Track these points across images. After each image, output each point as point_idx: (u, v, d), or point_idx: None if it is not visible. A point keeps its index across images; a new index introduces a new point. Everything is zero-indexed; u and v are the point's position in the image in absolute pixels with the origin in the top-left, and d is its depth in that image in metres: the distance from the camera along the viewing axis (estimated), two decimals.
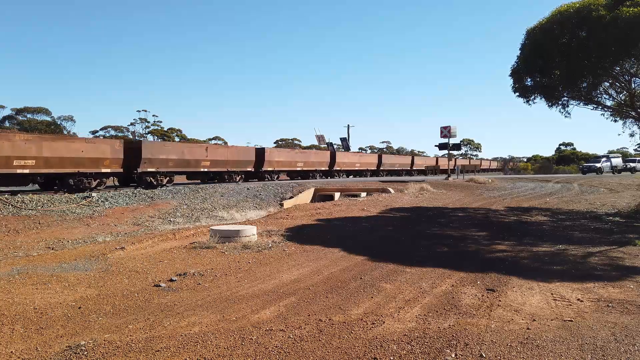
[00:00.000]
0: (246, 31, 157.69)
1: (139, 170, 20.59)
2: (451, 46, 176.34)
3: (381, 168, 42.21)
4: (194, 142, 35.64)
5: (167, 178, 22.57)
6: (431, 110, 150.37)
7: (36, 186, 19.29)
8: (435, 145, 31.65)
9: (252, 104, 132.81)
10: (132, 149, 20.70)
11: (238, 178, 26.38)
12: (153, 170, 21.35)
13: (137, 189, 19.43)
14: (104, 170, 19.41)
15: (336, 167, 35.98)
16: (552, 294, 5.51)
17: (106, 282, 6.02)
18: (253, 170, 27.59)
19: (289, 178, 31.55)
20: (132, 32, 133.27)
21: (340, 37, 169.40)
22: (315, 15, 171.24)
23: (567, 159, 71.73)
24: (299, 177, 31.79)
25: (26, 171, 16.81)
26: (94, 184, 19.25)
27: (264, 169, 28.14)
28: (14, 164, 16.42)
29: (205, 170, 24.35)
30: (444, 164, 53.55)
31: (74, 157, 18.12)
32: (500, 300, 5.23)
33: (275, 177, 29.68)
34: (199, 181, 25.44)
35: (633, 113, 14.00)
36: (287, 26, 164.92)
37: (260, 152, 28.18)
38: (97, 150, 19.05)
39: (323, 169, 34.74)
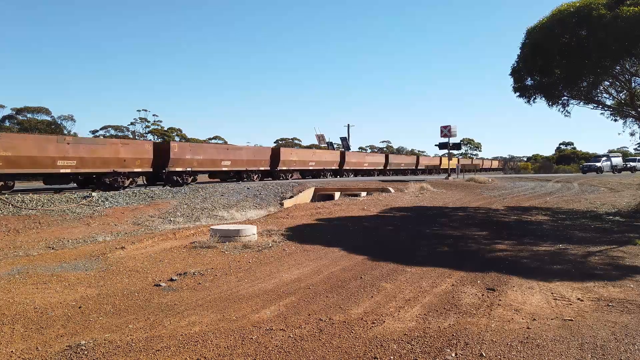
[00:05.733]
0: (246, 31, 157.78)
1: None
2: (451, 46, 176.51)
3: (344, 167, 37.08)
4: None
5: (2, 183, 15.82)
6: (431, 110, 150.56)
7: None
8: (436, 145, 31.75)
9: (252, 104, 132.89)
10: None
11: (128, 182, 20.18)
12: None
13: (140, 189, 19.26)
14: None
15: (281, 167, 29.54)
16: (552, 293, 5.51)
17: (106, 282, 6.02)
18: (152, 171, 21.45)
19: (219, 180, 26.21)
20: (132, 32, 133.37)
21: (340, 37, 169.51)
22: (315, 16, 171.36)
23: (567, 158, 71.85)
24: (235, 179, 26.43)
25: None
26: None
27: (170, 168, 22.09)
28: None
29: (68, 171, 17.67)
30: (426, 163, 52.90)
31: None
32: (500, 300, 5.23)
33: (190, 179, 23.65)
34: (71, 185, 19.77)
35: (633, 112, 14.01)
36: (287, 26, 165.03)
37: (163, 149, 21.97)
38: None
39: (262, 168, 28.26)
